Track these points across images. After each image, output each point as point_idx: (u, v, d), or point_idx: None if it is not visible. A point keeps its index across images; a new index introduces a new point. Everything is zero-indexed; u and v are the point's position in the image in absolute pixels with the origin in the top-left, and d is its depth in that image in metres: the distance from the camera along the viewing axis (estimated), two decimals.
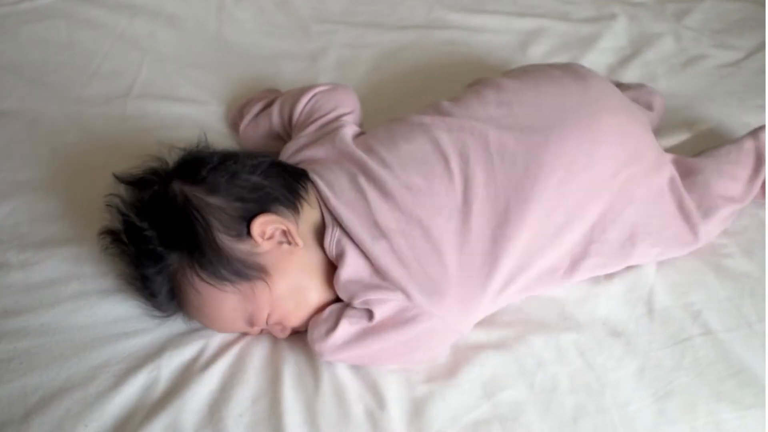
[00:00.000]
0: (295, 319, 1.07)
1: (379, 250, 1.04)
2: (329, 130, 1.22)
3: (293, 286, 1.06)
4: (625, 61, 1.60)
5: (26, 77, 1.52)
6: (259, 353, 1.07)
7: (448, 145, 1.12)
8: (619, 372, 1.05)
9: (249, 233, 1.03)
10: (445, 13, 1.72)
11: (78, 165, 1.33)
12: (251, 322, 1.06)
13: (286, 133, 1.32)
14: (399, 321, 1.01)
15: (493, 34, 1.66)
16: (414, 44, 1.63)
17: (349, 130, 1.20)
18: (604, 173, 1.12)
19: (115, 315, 1.10)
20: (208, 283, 1.02)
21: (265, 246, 1.04)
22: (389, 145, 1.14)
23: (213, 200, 1.04)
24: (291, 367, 1.05)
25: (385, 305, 1.01)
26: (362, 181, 1.10)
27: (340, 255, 1.05)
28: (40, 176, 1.31)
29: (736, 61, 1.58)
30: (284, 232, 1.05)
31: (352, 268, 1.04)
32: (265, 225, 1.04)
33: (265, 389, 1.02)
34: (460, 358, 1.06)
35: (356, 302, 1.03)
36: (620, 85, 1.40)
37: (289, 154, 1.21)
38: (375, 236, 1.05)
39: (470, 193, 1.08)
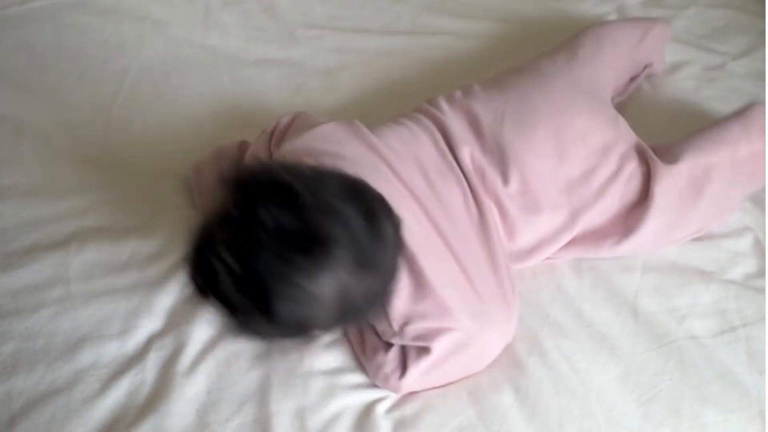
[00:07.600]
0: None
1: (429, 266, 1.01)
2: None
3: None
4: None
5: (13, 82, 1.52)
6: (245, 356, 1.06)
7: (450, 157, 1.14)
8: (604, 376, 1.05)
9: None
10: (431, 19, 1.72)
11: (64, 170, 1.33)
12: None
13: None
14: (459, 349, 1.02)
15: (479, 39, 1.67)
16: (400, 49, 1.64)
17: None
18: (574, 173, 1.15)
19: (99, 317, 1.10)
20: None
21: None
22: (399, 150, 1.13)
23: (320, 294, 0.88)
24: (279, 370, 1.05)
25: (443, 337, 1.00)
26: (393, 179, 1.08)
27: None
28: (25, 181, 1.31)
29: (720, 66, 1.59)
30: None
31: (402, 292, 1.00)
32: None
33: (252, 392, 1.02)
34: None
35: (410, 330, 1.00)
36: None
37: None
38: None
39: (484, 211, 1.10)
